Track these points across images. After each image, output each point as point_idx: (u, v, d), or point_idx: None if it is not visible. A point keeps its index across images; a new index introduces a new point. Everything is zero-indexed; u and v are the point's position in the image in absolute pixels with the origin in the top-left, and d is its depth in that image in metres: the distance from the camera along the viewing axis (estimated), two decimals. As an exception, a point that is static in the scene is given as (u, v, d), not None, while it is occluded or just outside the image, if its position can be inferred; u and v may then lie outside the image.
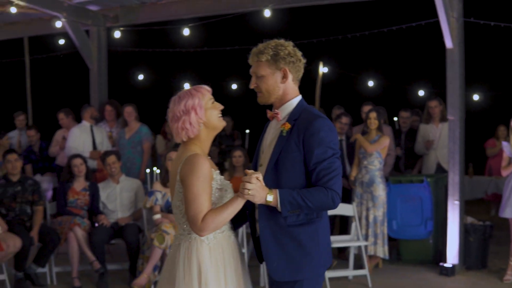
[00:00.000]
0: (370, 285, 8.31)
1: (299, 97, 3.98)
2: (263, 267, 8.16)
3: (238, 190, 3.67)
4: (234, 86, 15.75)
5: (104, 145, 10.54)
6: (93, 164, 10.21)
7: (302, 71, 3.98)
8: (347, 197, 9.49)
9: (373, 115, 9.03)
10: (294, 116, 3.88)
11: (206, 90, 3.92)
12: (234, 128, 13.90)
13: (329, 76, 14.52)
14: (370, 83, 14.67)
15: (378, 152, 8.97)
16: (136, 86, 16.21)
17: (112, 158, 9.05)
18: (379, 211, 8.95)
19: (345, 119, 9.97)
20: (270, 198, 3.63)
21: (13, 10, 10.74)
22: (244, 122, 14.70)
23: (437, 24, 8.84)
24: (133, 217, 9.01)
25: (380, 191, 8.99)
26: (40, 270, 8.50)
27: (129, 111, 10.70)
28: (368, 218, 8.95)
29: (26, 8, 11.06)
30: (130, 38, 12.67)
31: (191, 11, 11.51)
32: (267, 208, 3.74)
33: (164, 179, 8.40)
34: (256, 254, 4.08)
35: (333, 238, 8.91)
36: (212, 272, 3.73)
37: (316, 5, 10.67)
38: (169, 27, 12.10)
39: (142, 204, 8.71)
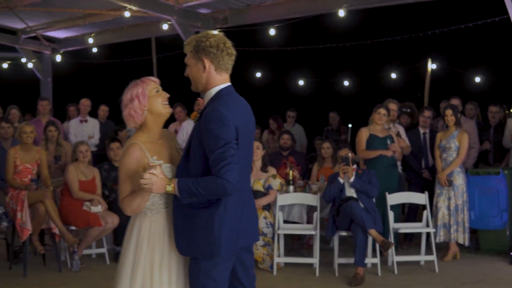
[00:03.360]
0: (437, 270, 8.63)
1: (221, 86, 4.11)
2: (392, 249, 8.69)
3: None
4: (346, 83, 16.22)
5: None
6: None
7: (225, 61, 4.08)
8: (428, 187, 9.86)
9: (449, 112, 9.34)
10: (206, 105, 4.07)
11: (150, 81, 4.26)
12: (341, 123, 14.39)
13: (437, 73, 14.73)
14: (477, 79, 14.76)
15: (456, 145, 9.30)
16: (251, 83, 16.96)
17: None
18: (459, 200, 9.29)
19: (427, 113, 10.31)
20: (169, 188, 3.92)
21: (127, 14, 11.92)
22: (351, 116, 15.14)
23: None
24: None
25: (460, 180, 9.33)
26: (137, 245, 9.46)
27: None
28: (450, 207, 9.31)
29: (139, 12, 12.21)
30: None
31: (291, 12, 12.24)
32: None
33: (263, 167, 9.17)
34: None
35: (404, 225, 9.36)
36: (147, 241, 4.13)
37: (387, 5, 11.09)
38: (256, 28, 12.80)
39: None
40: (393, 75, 15.64)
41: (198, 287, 4.07)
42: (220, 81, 4.11)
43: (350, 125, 14.13)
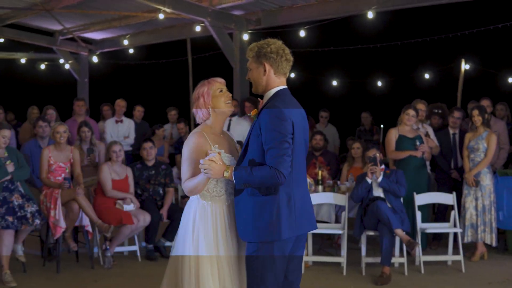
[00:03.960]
0: (463, 270, 8.68)
1: (278, 88, 4.51)
2: (418, 249, 8.75)
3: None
4: (379, 83, 16.22)
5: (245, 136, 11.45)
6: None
7: (284, 66, 4.50)
8: (457, 188, 9.90)
9: (475, 112, 9.39)
10: (265, 104, 4.46)
11: (215, 81, 4.76)
12: (374, 123, 14.43)
13: (470, 73, 14.67)
14: (510, 80, 14.65)
15: (484, 146, 9.33)
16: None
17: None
18: (486, 200, 9.32)
19: (457, 113, 10.32)
20: (226, 174, 4.33)
21: (161, 16, 12.12)
22: (383, 117, 15.15)
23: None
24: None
25: (487, 181, 9.36)
26: (168, 243, 9.62)
27: (264, 107, 11.55)
28: (477, 207, 9.34)
29: (173, 14, 12.41)
30: (254, 40, 13.61)
31: (322, 13, 12.32)
32: None
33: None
34: None
35: (431, 225, 9.42)
36: (203, 224, 4.57)
37: (416, 7, 11.12)
38: (287, 30, 12.88)
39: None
40: (426, 76, 15.61)
41: (254, 270, 4.43)
42: (278, 84, 4.54)
43: (382, 126, 14.16)
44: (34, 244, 9.68)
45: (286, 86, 4.57)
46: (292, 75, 16.52)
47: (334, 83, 16.27)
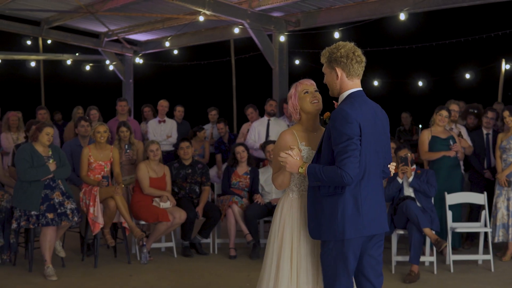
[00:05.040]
0: (492, 269, 8.75)
1: (351, 91, 4.60)
2: (448, 248, 8.86)
3: None
4: (420, 83, 16.24)
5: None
6: (261, 153, 11.34)
7: (355, 68, 4.57)
8: (490, 187, 9.95)
9: (506, 113, 9.46)
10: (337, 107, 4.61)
11: (301, 83, 4.98)
12: (413, 123, 14.48)
13: (511, 73, 14.61)
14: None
15: (516, 146, 9.40)
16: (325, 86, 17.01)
17: (271, 146, 10.21)
18: (518, 201, 9.40)
19: (490, 114, 10.35)
20: (301, 170, 4.58)
21: (201, 18, 12.38)
22: (423, 117, 15.18)
23: None
24: (286, 198, 10.09)
25: (519, 181, 9.43)
26: (204, 240, 9.93)
27: (299, 107, 11.68)
28: (509, 207, 9.39)
29: (213, 17, 12.65)
30: (292, 41, 13.78)
31: (360, 15, 12.38)
32: None
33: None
34: None
35: (461, 224, 9.48)
36: (289, 216, 4.88)
37: (452, 7, 11.13)
38: (321, 31, 12.99)
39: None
40: (467, 76, 15.58)
41: (328, 268, 4.61)
42: (351, 86, 4.64)
43: (420, 126, 14.21)
44: (74, 240, 10.03)
45: (360, 88, 4.66)
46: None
47: (375, 83, 16.35)
